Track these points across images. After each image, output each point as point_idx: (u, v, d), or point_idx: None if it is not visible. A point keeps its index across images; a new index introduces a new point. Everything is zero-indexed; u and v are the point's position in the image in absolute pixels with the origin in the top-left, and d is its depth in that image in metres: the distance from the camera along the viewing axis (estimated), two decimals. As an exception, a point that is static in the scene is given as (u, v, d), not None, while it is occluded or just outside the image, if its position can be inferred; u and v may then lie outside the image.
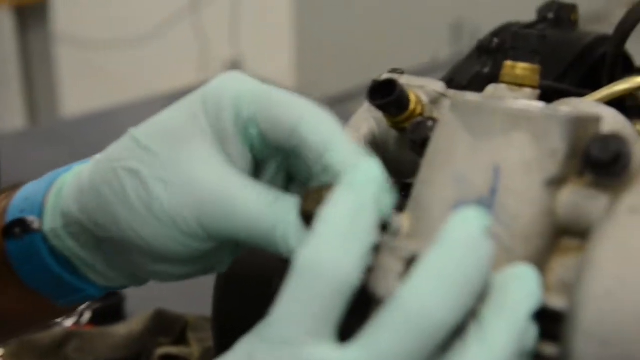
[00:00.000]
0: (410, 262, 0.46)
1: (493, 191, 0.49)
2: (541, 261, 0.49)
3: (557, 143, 0.49)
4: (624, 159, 0.48)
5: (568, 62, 0.99)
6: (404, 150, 0.62)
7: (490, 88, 0.61)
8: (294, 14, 2.43)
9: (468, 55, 1.07)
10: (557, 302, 0.47)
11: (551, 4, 1.05)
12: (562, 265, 0.50)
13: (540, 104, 0.51)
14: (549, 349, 0.47)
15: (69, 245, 0.57)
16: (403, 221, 0.51)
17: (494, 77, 0.63)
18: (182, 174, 0.51)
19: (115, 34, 3.06)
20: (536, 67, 0.61)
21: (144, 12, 3.04)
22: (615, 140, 0.48)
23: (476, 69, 1.02)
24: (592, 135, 0.51)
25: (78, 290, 0.59)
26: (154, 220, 0.52)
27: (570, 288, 0.49)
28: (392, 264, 0.46)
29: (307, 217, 0.48)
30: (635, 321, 0.44)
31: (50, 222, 0.57)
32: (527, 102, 0.52)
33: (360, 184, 0.45)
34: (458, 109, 0.52)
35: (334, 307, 0.43)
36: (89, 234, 0.56)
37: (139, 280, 0.58)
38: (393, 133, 0.62)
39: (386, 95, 0.59)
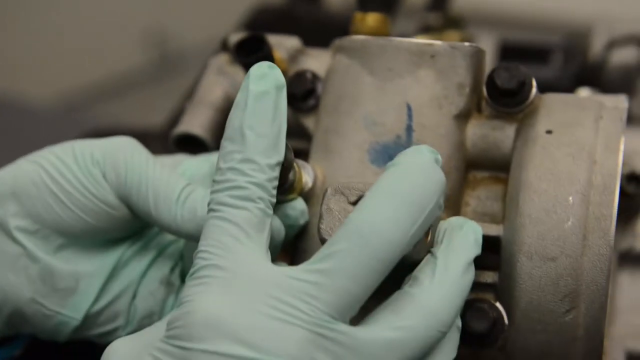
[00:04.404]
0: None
1: (409, 129, 0.49)
2: (458, 195, 0.49)
3: (463, 76, 0.50)
4: (528, 86, 0.50)
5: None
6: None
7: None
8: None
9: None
10: (491, 230, 0.47)
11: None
12: (475, 198, 0.50)
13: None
14: (488, 277, 0.47)
15: None
16: (316, 170, 0.49)
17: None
18: None
19: None
20: (386, 17, 0.61)
21: None
22: (518, 69, 0.49)
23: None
24: (484, 68, 0.52)
25: None
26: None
27: (493, 217, 0.49)
28: (341, 206, 0.44)
29: None
30: (577, 235, 0.45)
31: None
32: (426, 39, 0.52)
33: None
34: (356, 52, 0.51)
35: None
36: None
37: None
38: (251, 93, 0.59)
39: (252, 52, 0.56)
